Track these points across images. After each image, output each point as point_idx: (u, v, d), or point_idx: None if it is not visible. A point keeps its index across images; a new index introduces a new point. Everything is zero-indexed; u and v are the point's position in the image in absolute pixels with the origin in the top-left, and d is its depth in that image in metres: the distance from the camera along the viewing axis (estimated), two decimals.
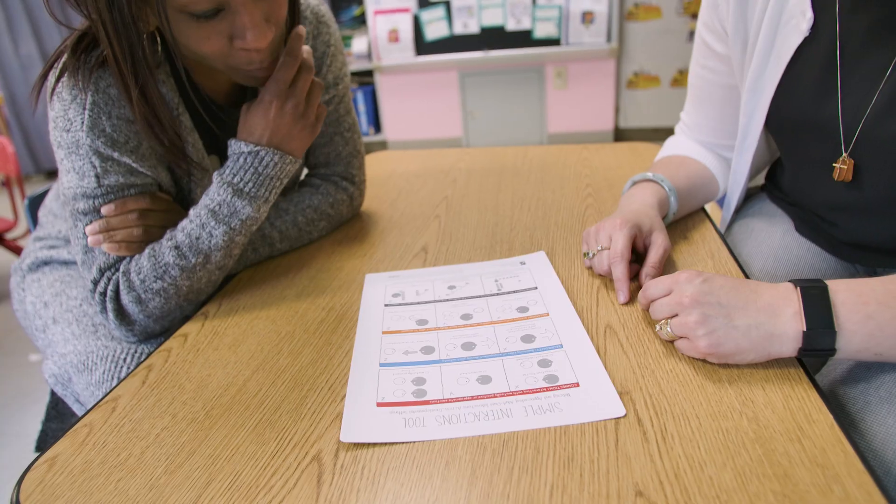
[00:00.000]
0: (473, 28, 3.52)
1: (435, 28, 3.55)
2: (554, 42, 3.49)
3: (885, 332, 0.50)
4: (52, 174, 4.53)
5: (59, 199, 0.97)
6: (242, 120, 0.73)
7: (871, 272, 0.80)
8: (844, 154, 0.68)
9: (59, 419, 1.03)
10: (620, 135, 3.84)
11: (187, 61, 0.75)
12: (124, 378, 0.63)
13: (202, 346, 0.67)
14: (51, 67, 0.70)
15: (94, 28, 0.61)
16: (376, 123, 4.03)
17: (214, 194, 0.71)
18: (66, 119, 0.68)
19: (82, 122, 0.67)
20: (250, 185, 0.71)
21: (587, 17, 3.42)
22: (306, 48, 0.74)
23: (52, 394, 1.01)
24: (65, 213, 0.93)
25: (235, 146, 0.72)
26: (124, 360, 0.76)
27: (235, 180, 0.71)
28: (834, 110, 0.67)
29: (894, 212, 0.68)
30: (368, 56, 3.74)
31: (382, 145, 4.08)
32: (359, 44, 3.76)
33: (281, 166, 0.73)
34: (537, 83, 3.66)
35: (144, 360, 0.66)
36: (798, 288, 0.53)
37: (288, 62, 0.71)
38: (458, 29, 3.53)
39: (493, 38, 3.52)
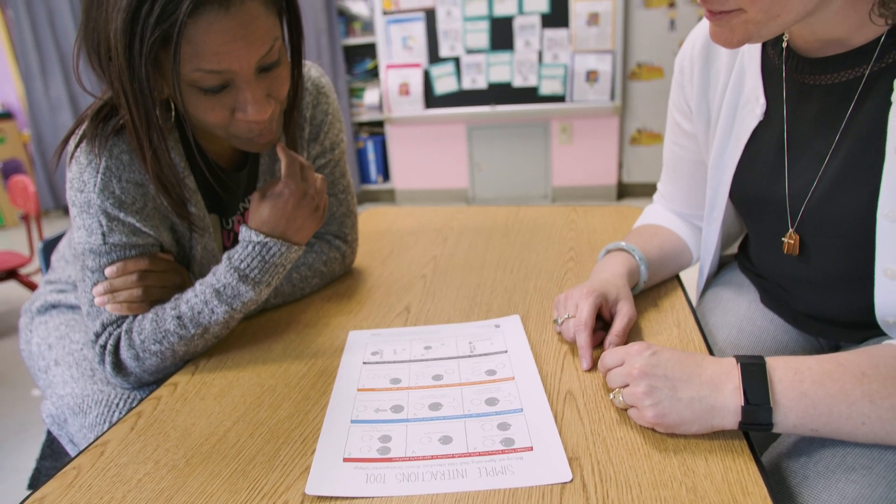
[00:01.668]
0: (481, 84, 3.65)
1: (444, 83, 3.69)
2: (559, 99, 3.60)
3: (818, 410, 0.54)
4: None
5: (71, 246, 1.03)
6: (255, 206, 0.78)
7: (835, 346, 0.83)
8: (791, 229, 0.73)
9: (53, 458, 1.07)
10: (624, 189, 3.92)
11: (194, 127, 0.82)
12: (115, 423, 0.68)
13: (190, 396, 0.71)
14: (72, 133, 0.77)
15: (115, 94, 0.68)
16: (385, 172, 4.14)
17: (221, 276, 0.76)
18: (80, 181, 0.75)
19: (94, 185, 0.74)
20: (256, 271, 0.77)
21: (591, 76, 3.54)
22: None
23: (49, 433, 1.05)
24: (74, 261, 0.99)
25: (246, 234, 0.77)
26: (117, 404, 0.81)
27: (242, 266, 0.76)
28: (783, 189, 0.73)
29: (842, 286, 0.72)
30: (380, 107, 3.88)
31: (390, 194, 4.18)
32: (371, 96, 3.90)
33: (286, 255, 0.78)
34: (543, 138, 3.77)
35: (136, 405, 0.71)
36: (739, 364, 0.57)
37: (306, 168, 0.80)
38: (467, 84, 3.66)
39: (501, 93, 3.65)
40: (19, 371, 2.29)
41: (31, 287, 2.66)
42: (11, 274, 2.59)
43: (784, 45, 0.70)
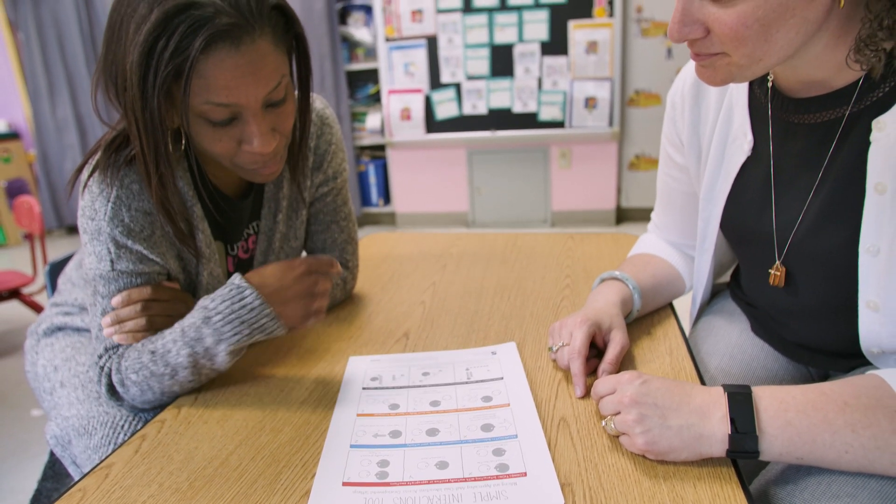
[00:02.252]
0: (482, 109, 3.71)
1: (445, 108, 3.75)
2: (558, 125, 3.66)
3: (803, 439, 0.56)
4: (73, 230, 4.70)
5: (79, 269, 1.06)
6: (262, 266, 0.79)
7: (824, 375, 0.85)
8: (778, 262, 0.75)
9: (55, 479, 1.08)
10: (623, 214, 3.95)
11: (201, 157, 0.85)
12: (120, 445, 0.69)
13: (193, 419, 0.73)
14: (85, 163, 0.80)
15: (128, 124, 0.71)
16: (386, 195, 4.18)
17: (190, 315, 0.75)
18: (92, 209, 0.77)
19: (105, 213, 0.77)
20: (219, 317, 0.72)
21: (590, 103, 3.60)
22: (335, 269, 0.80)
23: (51, 454, 1.07)
24: (84, 285, 1.02)
25: (234, 277, 0.75)
26: (122, 426, 0.82)
27: (211, 306, 0.73)
28: (770, 222, 0.75)
29: (827, 317, 0.74)
30: (381, 132, 3.93)
31: (391, 217, 4.22)
32: (373, 120, 3.96)
33: (258, 317, 0.72)
34: (542, 163, 3.82)
35: (141, 428, 0.73)
36: (726, 393, 0.59)
37: (322, 260, 0.79)
38: (468, 109, 3.72)
39: (501, 119, 3.71)
40: (19, 391, 2.30)
41: (34, 307, 2.68)
42: (14, 294, 2.61)
43: (769, 84, 0.74)
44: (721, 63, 0.63)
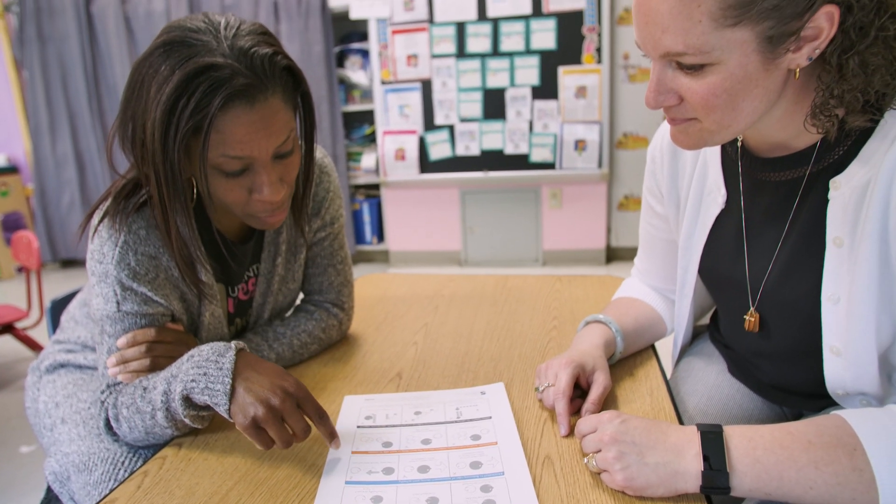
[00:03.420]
0: (474, 150, 3.80)
1: (439, 149, 3.84)
2: (549, 166, 3.75)
3: (770, 475, 0.60)
4: (67, 263, 4.71)
5: (82, 307, 1.09)
6: (265, 363, 0.75)
7: (798, 414, 0.89)
8: (752, 308, 0.80)
9: None
10: (612, 253, 4.02)
11: (208, 205, 0.89)
12: (123, 481, 0.72)
13: (194, 456, 0.76)
14: (96, 209, 0.85)
15: (145, 175, 0.76)
16: (380, 234, 4.23)
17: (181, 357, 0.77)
18: (101, 253, 0.82)
19: (113, 257, 0.81)
20: (197, 359, 0.74)
21: (580, 145, 3.70)
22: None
23: (48, 490, 1.08)
24: (89, 323, 1.05)
25: (235, 343, 0.75)
26: (122, 462, 0.85)
27: (200, 348, 0.75)
28: (743, 271, 0.80)
29: (797, 360, 0.79)
30: (376, 171, 4.01)
31: (384, 255, 4.27)
32: (367, 160, 4.04)
33: (216, 379, 0.72)
34: (533, 203, 3.89)
35: (141, 465, 0.75)
36: (699, 431, 0.63)
37: (316, 407, 0.73)
38: (461, 151, 3.81)
39: (493, 160, 3.80)
40: (9, 427, 2.29)
41: (28, 342, 2.68)
42: (7, 328, 2.61)
43: (739, 144, 0.80)
44: (694, 129, 0.69)
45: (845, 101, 0.63)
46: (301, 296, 1.10)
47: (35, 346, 2.71)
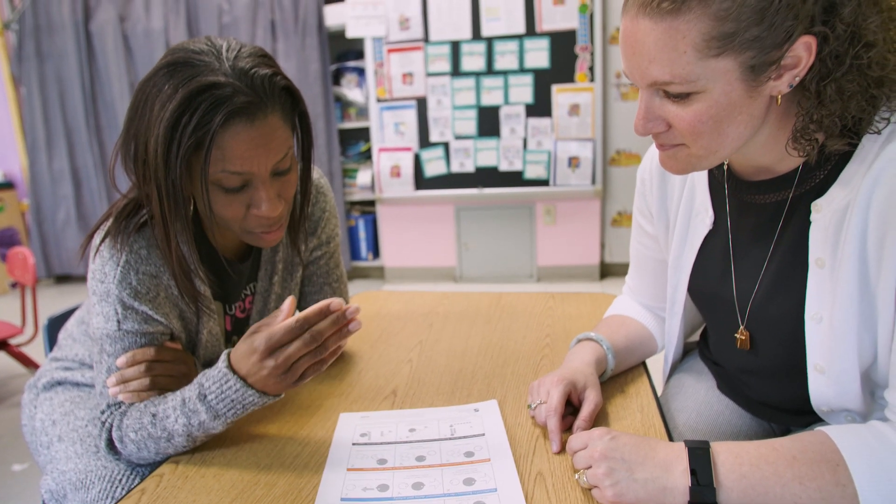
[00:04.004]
0: (469, 167, 3.83)
1: (434, 166, 3.87)
2: (543, 183, 3.78)
3: (756, 490, 0.61)
4: (62, 279, 4.70)
5: (80, 325, 1.10)
6: (243, 338, 0.77)
7: (785, 430, 0.91)
8: (742, 326, 0.82)
9: None
10: (606, 269, 4.04)
11: (206, 224, 0.91)
12: (120, 499, 0.73)
13: (191, 474, 0.77)
14: (97, 228, 0.86)
15: (147, 192, 0.78)
16: (375, 250, 4.25)
17: (189, 387, 0.79)
18: (102, 272, 0.83)
19: (114, 276, 0.82)
20: (213, 396, 0.76)
21: (573, 162, 3.74)
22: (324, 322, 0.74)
23: None
24: (87, 340, 1.06)
25: (222, 357, 0.78)
26: (119, 481, 0.86)
27: (206, 384, 0.77)
28: (731, 290, 0.82)
29: (783, 378, 0.81)
30: (372, 188, 4.04)
31: (380, 271, 4.28)
32: (363, 176, 4.07)
33: (244, 396, 0.76)
34: (528, 219, 3.92)
35: (139, 482, 0.76)
36: (687, 448, 0.64)
37: (288, 327, 0.73)
38: (456, 168, 3.85)
39: (488, 177, 3.83)
40: (1, 444, 2.28)
41: (22, 359, 2.67)
42: (1, 345, 2.61)
43: (725, 168, 0.82)
44: (682, 154, 0.72)
45: (824, 125, 0.65)
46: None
47: (29, 363, 2.70)
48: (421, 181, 3.90)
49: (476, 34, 3.64)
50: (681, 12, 0.61)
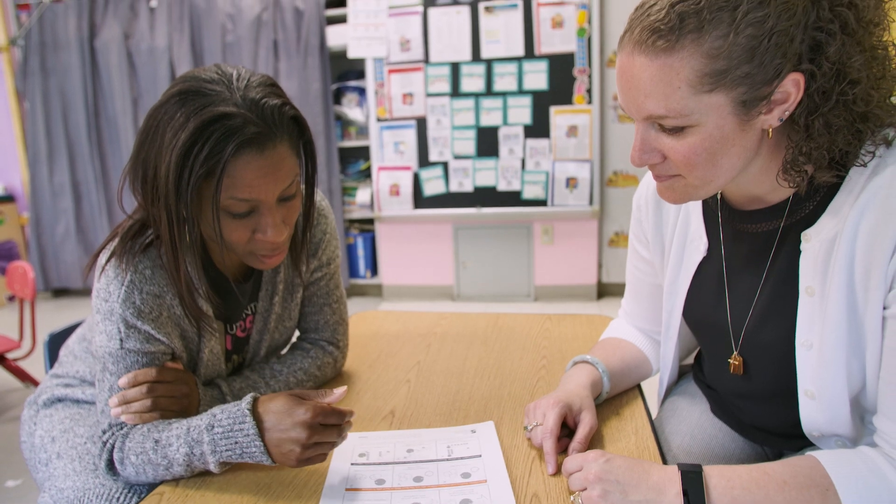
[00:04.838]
0: (468, 187, 3.87)
1: (433, 185, 3.90)
2: (541, 203, 3.81)
3: None
4: (59, 292, 4.69)
5: (81, 342, 1.11)
6: (280, 394, 0.79)
7: (778, 454, 0.92)
8: (735, 352, 0.84)
9: None
10: (603, 289, 4.06)
11: (209, 246, 0.93)
12: None
13: (191, 492, 0.78)
14: (103, 248, 0.88)
15: (156, 216, 0.80)
16: (373, 268, 4.26)
17: (199, 416, 0.80)
18: (107, 291, 0.85)
19: (119, 296, 0.84)
20: (220, 429, 0.77)
21: (571, 183, 3.77)
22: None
23: None
24: (88, 358, 1.07)
25: (247, 398, 0.79)
26: (118, 499, 0.86)
27: (218, 416, 0.78)
28: (725, 316, 0.84)
29: (775, 403, 0.82)
30: (371, 206, 4.07)
31: (378, 289, 4.29)
32: (362, 195, 4.10)
33: (249, 445, 0.76)
34: (526, 239, 3.95)
35: (137, 501, 0.77)
36: (680, 471, 0.66)
37: (335, 414, 0.77)
38: (454, 187, 3.88)
39: (486, 196, 3.86)
40: None
41: (18, 373, 2.66)
42: None
43: (719, 197, 0.84)
44: (679, 185, 0.74)
45: (813, 157, 0.68)
46: (297, 333, 1.13)
47: (26, 378, 2.69)
48: (420, 200, 3.93)
49: (476, 56, 3.70)
50: (675, 50, 0.64)
